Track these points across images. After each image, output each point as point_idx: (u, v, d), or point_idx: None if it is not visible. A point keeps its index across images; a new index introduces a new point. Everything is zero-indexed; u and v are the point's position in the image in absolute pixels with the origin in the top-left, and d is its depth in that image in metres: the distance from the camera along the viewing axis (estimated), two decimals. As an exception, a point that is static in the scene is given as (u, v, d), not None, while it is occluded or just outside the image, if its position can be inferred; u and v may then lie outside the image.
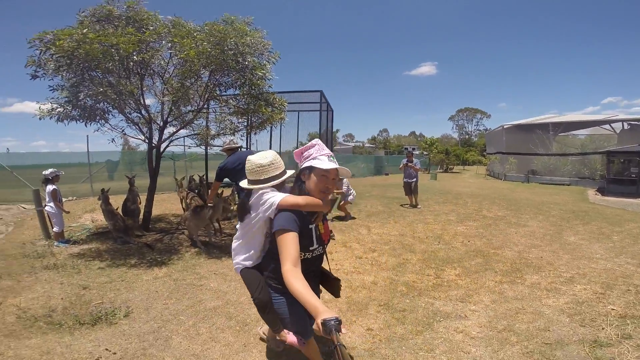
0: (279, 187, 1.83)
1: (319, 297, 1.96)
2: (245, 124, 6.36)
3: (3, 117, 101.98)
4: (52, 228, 5.39)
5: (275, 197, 1.69)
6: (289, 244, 1.54)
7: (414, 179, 8.75)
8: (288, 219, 1.62)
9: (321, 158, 1.71)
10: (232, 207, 6.63)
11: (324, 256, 1.93)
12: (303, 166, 1.77)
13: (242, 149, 5.28)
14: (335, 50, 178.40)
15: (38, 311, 3.04)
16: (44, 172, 5.36)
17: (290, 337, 1.93)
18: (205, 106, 6.04)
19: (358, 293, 3.50)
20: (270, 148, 9.54)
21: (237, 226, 1.94)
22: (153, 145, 5.77)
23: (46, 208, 5.31)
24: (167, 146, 6.12)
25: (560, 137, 20.15)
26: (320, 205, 1.72)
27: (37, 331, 2.70)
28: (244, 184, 1.87)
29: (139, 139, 5.89)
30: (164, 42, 4.72)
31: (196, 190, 7.14)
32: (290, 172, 1.88)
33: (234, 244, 1.97)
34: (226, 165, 4.34)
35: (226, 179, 4.52)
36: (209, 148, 7.75)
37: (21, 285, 3.65)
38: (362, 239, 5.64)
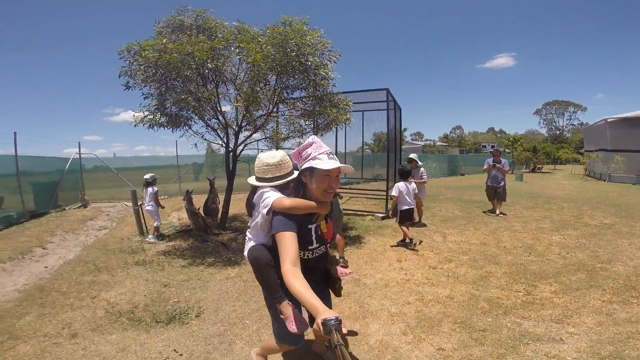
0: (284, 187, 1.83)
1: (329, 300, 1.94)
2: (312, 126, 6.37)
3: (113, 125, 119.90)
4: (154, 223, 6.04)
5: (271, 198, 1.71)
6: (287, 244, 1.54)
7: (501, 183, 7.51)
8: (283, 221, 1.62)
9: (321, 157, 1.64)
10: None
11: (327, 255, 1.94)
12: (303, 167, 1.70)
13: None
14: (401, 46, 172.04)
15: (123, 307, 3.32)
16: (145, 176, 6.11)
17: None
18: (275, 109, 6.19)
19: (430, 308, 3.18)
20: (335, 149, 9.48)
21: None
22: (230, 149, 6.10)
23: (147, 207, 6.01)
24: (242, 149, 6.41)
25: (683, 131, 16.45)
26: (314, 207, 1.68)
27: (119, 327, 2.93)
28: (251, 180, 1.89)
29: (217, 143, 6.29)
30: (232, 48, 4.90)
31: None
32: (296, 174, 1.84)
33: (248, 235, 2.00)
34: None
35: None
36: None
37: (114, 280, 4.06)
38: (437, 247, 5.19)
